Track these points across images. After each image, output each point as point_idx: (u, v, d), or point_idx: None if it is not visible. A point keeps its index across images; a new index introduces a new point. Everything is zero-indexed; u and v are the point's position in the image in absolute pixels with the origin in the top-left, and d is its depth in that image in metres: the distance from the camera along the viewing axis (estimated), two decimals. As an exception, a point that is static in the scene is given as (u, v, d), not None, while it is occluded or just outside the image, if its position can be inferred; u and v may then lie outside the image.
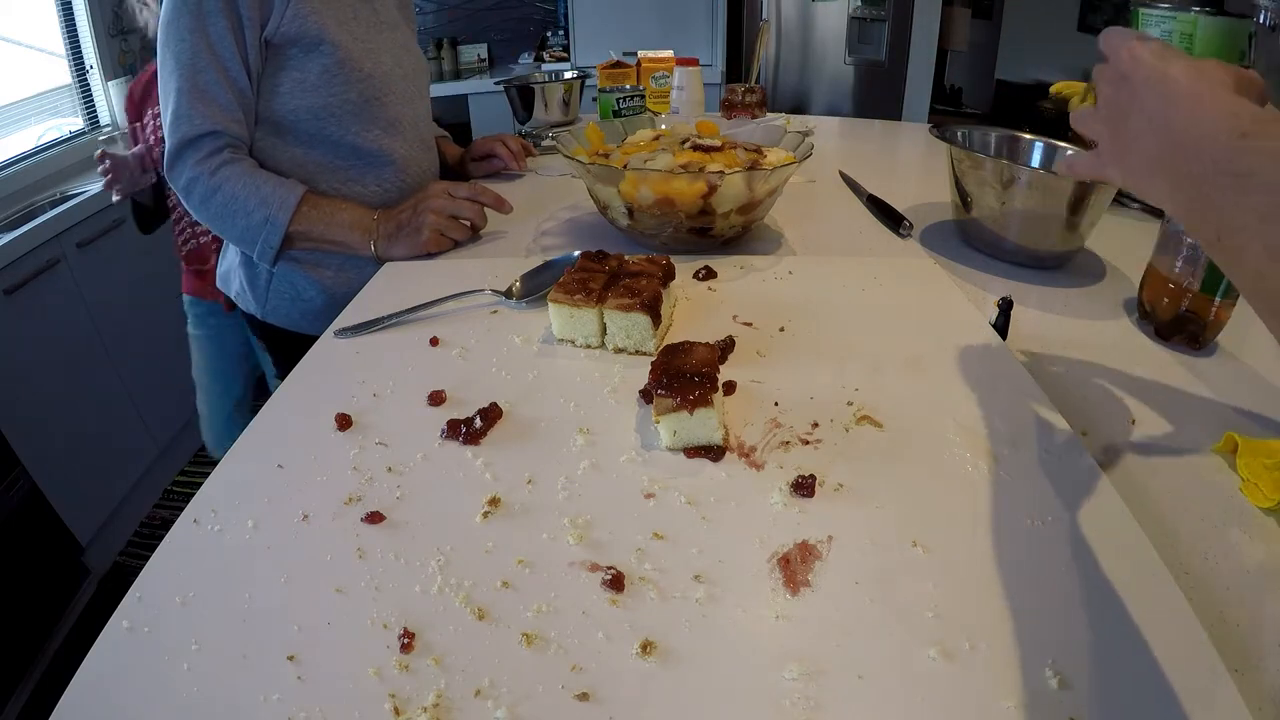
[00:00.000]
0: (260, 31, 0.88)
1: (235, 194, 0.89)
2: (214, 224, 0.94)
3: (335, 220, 0.93)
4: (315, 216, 0.93)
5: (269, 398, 0.61)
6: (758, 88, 1.60)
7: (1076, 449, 0.51)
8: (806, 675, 0.36)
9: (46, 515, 1.72)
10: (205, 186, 0.89)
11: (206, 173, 0.89)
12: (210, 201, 0.90)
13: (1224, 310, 0.68)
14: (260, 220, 0.91)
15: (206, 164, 0.89)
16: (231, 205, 0.90)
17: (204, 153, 0.88)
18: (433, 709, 0.34)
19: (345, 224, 0.93)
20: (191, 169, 0.89)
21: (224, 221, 0.92)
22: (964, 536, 0.44)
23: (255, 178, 0.91)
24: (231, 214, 0.90)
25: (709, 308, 0.73)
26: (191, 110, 0.87)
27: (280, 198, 0.91)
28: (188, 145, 0.88)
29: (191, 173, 0.89)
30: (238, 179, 0.89)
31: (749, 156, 0.90)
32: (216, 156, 0.89)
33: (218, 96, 0.88)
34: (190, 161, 0.89)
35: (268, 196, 0.90)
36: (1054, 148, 0.95)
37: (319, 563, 0.43)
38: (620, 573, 0.41)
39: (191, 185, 0.89)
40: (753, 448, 0.52)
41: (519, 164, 1.25)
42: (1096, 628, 0.38)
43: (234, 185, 0.89)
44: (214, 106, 0.88)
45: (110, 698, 0.36)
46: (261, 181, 0.91)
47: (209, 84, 0.87)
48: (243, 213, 0.90)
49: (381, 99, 0.98)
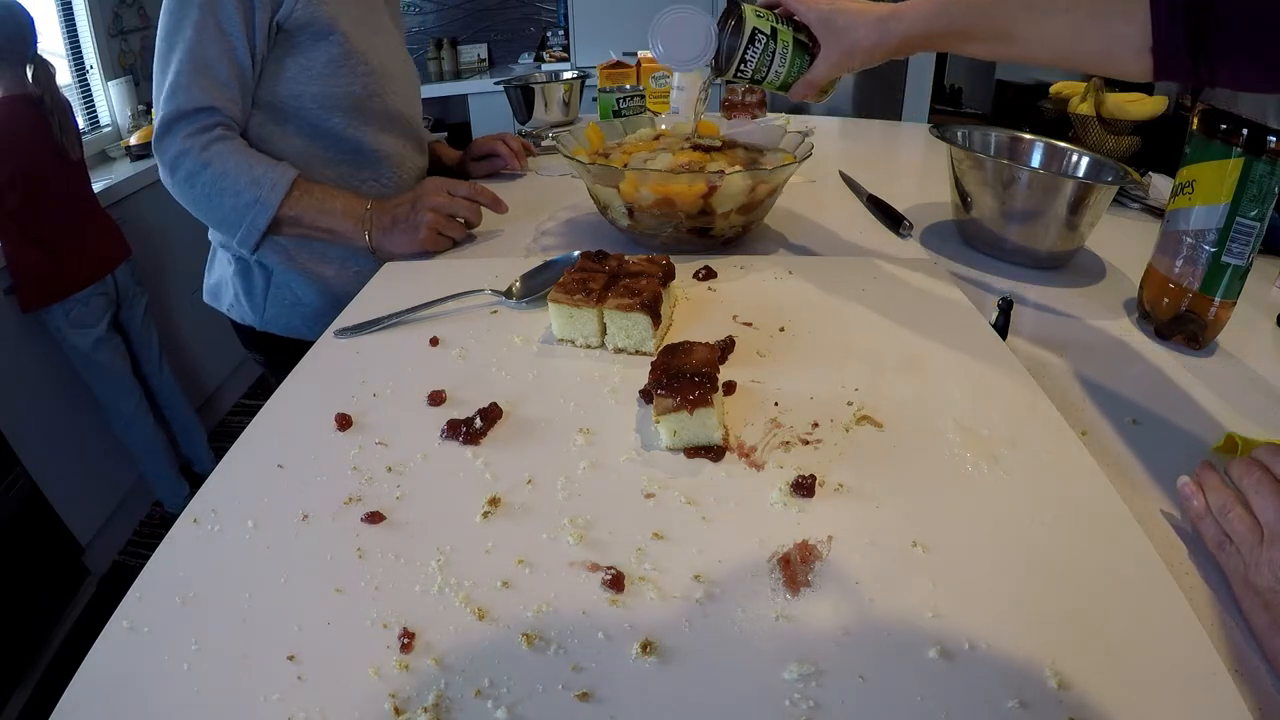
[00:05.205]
0: (272, 15, 0.88)
1: (226, 171, 0.87)
2: (198, 202, 0.90)
3: (327, 207, 0.92)
4: (307, 202, 0.91)
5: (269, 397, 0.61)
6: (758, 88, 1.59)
7: (1076, 449, 0.51)
8: (806, 675, 0.36)
9: (46, 515, 1.72)
10: (195, 161, 0.86)
11: (197, 147, 0.86)
12: (197, 178, 0.87)
13: (1224, 310, 0.68)
14: (249, 200, 0.88)
15: (198, 139, 0.86)
16: (220, 182, 0.87)
17: (196, 127, 0.86)
18: (433, 709, 0.34)
19: (338, 211, 0.92)
20: (182, 141, 0.86)
21: (209, 200, 0.88)
22: (964, 536, 0.44)
23: (247, 156, 0.89)
24: (219, 192, 0.87)
25: (709, 308, 0.73)
26: (190, 83, 0.85)
27: (272, 179, 0.88)
28: (181, 118, 0.86)
29: (182, 145, 0.86)
30: (229, 156, 0.87)
31: (749, 156, 0.91)
32: (209, 133, 0.87)
33: (219, 73, 0.86)
34: (181, 134, 0.86)
35: (259, 177, 0.88)
36: (1054, 148, 0.95)
37: (319, 563, 0.43)
38: (620, 573, 0.41)
39: (179, 159, 0.87)
40: (753, 448, 0.52)
41: (520, 163, 1.25)
42: (1096, 628, 0.38)
43: (225, 162, 0.87)
44: (214, 83, 0.86)
45: (110, 698, 0.36)
46: (254, 161, 0.89)
47: (212, 60, 0.86)
48: (231, 191, 0.87)
49: (382, 95, 0.99)
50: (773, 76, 0.73)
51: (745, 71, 0.73)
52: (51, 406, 1.83)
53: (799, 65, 0.73)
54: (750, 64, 0.72)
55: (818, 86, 0.74)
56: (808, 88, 0.73)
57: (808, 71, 0.73)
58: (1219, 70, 0.50)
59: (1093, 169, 0.90)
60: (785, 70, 0.73)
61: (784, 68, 0.72)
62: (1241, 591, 0.41)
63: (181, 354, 2.31)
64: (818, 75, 0.72)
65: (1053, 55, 0.58)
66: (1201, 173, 0.65)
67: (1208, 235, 0.65)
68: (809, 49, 0.72)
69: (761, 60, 0.72)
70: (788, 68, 0.72)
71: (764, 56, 0.71)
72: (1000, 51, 0.61)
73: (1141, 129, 1.35)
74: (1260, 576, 0.40)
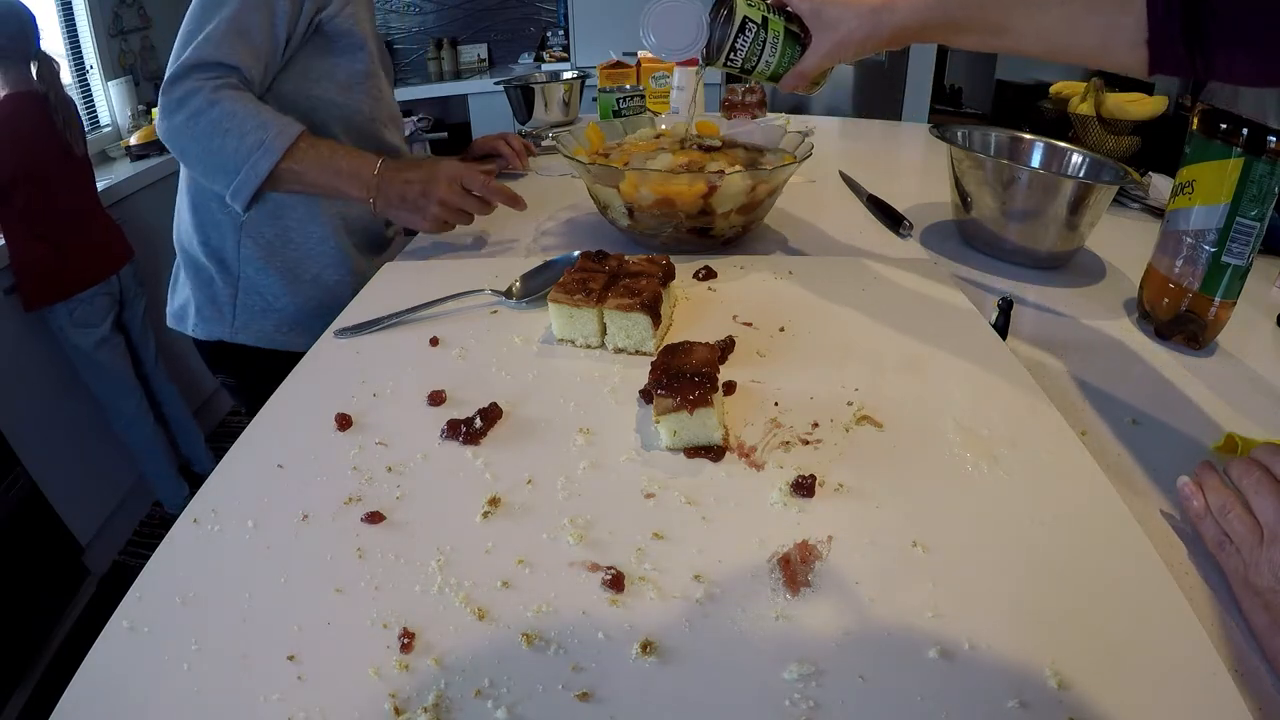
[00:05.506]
0: (317, 10, 0.90)
1: (234, 111, 0.85)
2: (198, 141, 0.86)
3: (333, 165, 0.90)
4: (312, 156, 0.89)
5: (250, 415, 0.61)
6: (758, 88, 1.60)
7: (1076, 449, 0.51)
8: (806, 675, 0.36)
9: (46, 515, 1.72)
10: (203, 99, 0.85)
11: (209, 88, 0.85)
12: (203, 116, 0.85)
13: (1224, 310, 0.68)
14: (254, 144, 0.86)
15: (211, 83, 0.85)
16: (226, 122, 0.85)
17: (211, 75, 0.86)
18: (433, 709, 0.34)
19: (343, 171, 0.90)
20: (194, 83, 0.85)
21: (210, 140, 0.86)
22: (964, 536, 0.44)
23: (257, 104, 0.88)
24: (223, 131, 0.85)
25: (709, 308, 0.73)
26: (223, 40, 0.85)
27: (280, 126, 0.87)
28: (200, 67, 0.85)
29: (193, 85, 0.85)
30: (239, 101, 0.86)
31: (749, 156, 0.91)
32: (224, 79, 0.86)
33: (254, 41, 0.87)
34: (195, 79, 0.85)
35: (267, 122, 0.87)
36: (1054, 148, 0.95)
37: (319, 563, 0.43)
38: (620, 573, 0.41)
39: (188, 97, 0.85)
40: (753, 448, 0.52)
41: (521, 162, 1.25)
42: (1096, 628, 0.38)
43: (233, 105, 0.86)
44: (246, 48, 0.86)
45: (110, 698, 0.36)
46: (262, 109, 0.88)
47: (251, 28, 0.86)
48: (236, 132, 0.86)
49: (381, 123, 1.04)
50: (763, 66, 0.73)
51: (735, 61, 0.73)
52: (51, 406, 1.83)
53: (790, 56, 0.72)
54: (740, 53, 0.72)
55: (808, 78, 0.73)
56: (798, 79, 0.73)
57: (799, 62, 0.72)
58: (1215, 62, 0.49)
59: (1093, 169, 0.90)
60: (776, 60, 0.72)
61: (774, 58, 0.72)
62: (1241, 591, 0.41)
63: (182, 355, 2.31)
64: (808, 66, 0.71)
65: (1047, 48, 0.58)
66: (1201, 173, 0.65)
67: (1208, 235, 0.65)
68: (800, 40, 0.72)
69: (752, 49, 0.71)
70: (778, 58, 0.72)
71: (754, 46, 0.71)
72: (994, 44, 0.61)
73: (1141, 129, 1.35)
74: (1260, 576, 0.40)
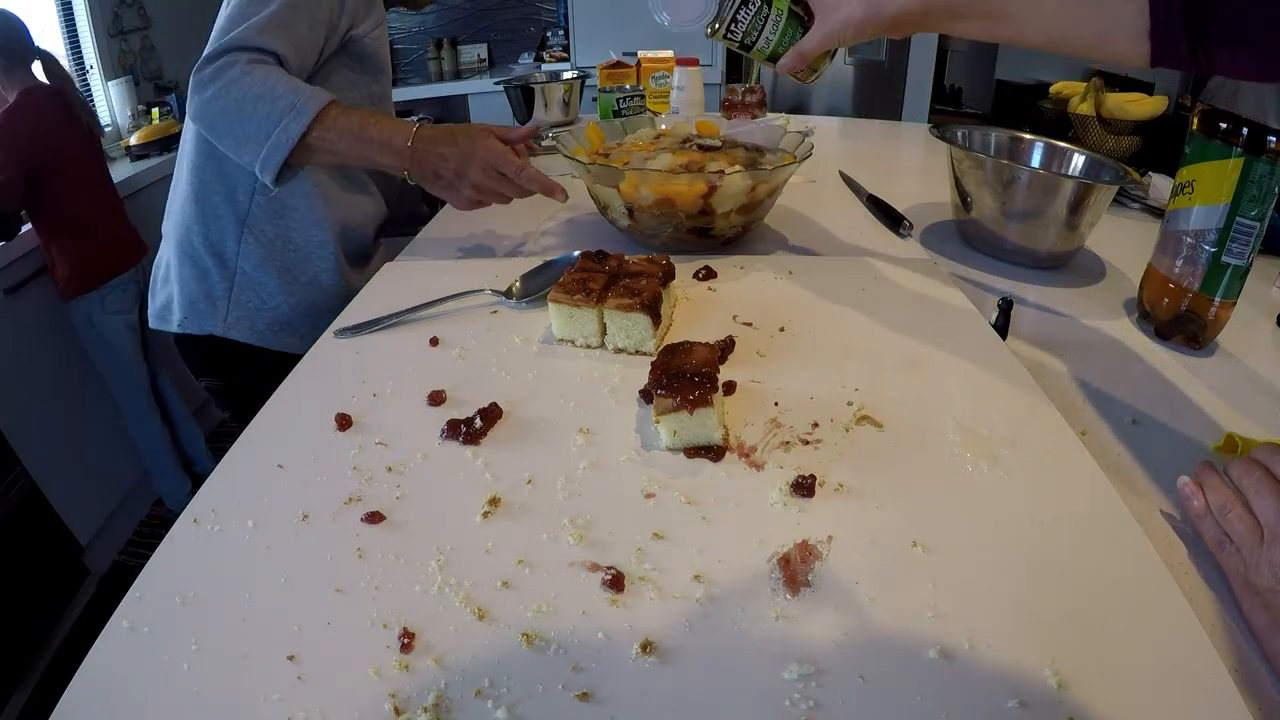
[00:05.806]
0: (352, 23, 0.93)
1: (268, 78, 0.85)
2: (228, 110, 0.86)
3: (365, 134, 0.88)
4: (344, 124, 0.87)
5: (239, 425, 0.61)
6: (758, 88, 1.60)
7: (1076, 449, 0.51)
8: (806, 675, 0.36)
9: (46, 515, 1.72)
10: (237, 70, 0.85)
11: (244, 62, 0.85)
12: (236, 85, 0.85)
13: (1224, 310, 0.68)
14: (285, 107, 0.85)
15: (246, 58, 0.86)
16: (258, 88, 0.85)
17: (250, 54, 0.86)
18: (433, 709, 0.34)
19: (375, 141, 0.88)
20: (231, 58, 0.85)
21: (240, 109, 0.85)
22: (964, 536, 0.44)
23: (290, 77, 0.88)
24: (255, 98, 0.85)
25: (709, 308, 0.73)
26: (266, 28, 0.86)
27: (313, 92, 0.87)
28: (240, 49, 0.85)
29: (229, 60, 0.85)
30: (274, 72, 0.86)
31: (749, 156, 0.90)
32: (260, 59, 0.86)
33: (296, 36, 0.88)
34: (232, 55, 0.85)
35: (299, 88, 0.86)
36: (1054, 148, 0.95)
37: (319, 563, 0.43)
38: (620, 573, 0.41)
39: (221, 71, 0.85)
40: (753, 448, 0.52)
41: None
42: (1096, 628, 0.38)
43: (267, 74, 0.86)
44: (287, 41, 0.88)
45: (110, 698, 0.36)
46: (296, 79, 0.88)
47: (295, 24, 0.88)
48: (268, 97, 0.85)
49: None
50: (762, 44, 0.72)
51: (735, 34, 0.72)
52: (51, 406, 1.83)
53: (791, 36, 0.72)
54: (741, 25, 0.71)
55: (807, 59, 0.72)
56: (797, 59, 0.72)
57: (799, 42, 0.72)
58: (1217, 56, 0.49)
59: (1093, 169, 0.90)
60: (776, 39, 0.72)
61: (775, 35, 0.72)
62: (1241, 591, 0.41)
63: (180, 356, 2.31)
64: (808, 46, 0.71)
65: (1048, 37, 0.58)
66: (1201, 173, 0.65)
67: (1208, 235, 0.65)
68: (804, 22, 0.72)
69: (753, 24, 0.71)
70: (779, 37, 0.72)
71: (755, 20, 0.71)
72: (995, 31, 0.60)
73: (1141, 129, 1.35)
74: (1260, 576, 0.40)
